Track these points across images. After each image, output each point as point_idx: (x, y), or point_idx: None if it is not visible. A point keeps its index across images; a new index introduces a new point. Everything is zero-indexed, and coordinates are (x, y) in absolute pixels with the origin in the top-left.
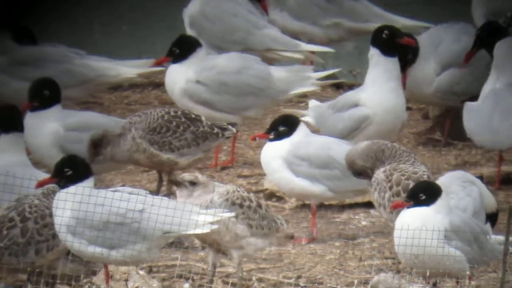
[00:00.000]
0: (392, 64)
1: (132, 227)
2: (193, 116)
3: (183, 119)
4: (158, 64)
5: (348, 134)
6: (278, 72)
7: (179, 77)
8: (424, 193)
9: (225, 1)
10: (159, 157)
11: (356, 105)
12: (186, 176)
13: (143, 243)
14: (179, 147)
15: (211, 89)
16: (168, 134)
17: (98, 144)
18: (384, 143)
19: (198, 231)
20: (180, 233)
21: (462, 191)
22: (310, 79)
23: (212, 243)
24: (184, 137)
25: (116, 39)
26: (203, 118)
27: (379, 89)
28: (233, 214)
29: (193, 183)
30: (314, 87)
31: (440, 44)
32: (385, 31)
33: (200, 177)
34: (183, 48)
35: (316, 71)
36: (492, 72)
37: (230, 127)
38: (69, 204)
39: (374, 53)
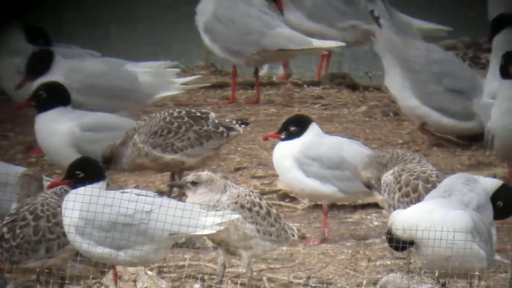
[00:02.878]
0: (506, 85)
1: (139, 228)
2: (198, 114)
3: (185, 119)
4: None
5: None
6: (143, 77)
7: None
8: None
9: (238, 3)
10: (163, 159)
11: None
12: (188, 177)
13: (150, 244)
14: (182, 147)
15: (80, 91)
16: (170, 135)
17: (108, 160)
18: (383, 150)
19: (205, 232)
20: (186, 234)
21: (465, 187)
22: (175, 84)
23: (221, 242)
24: (187, 137)
25: (132, 40)
26: (210, 116)
27: (498, 107)
28: (240, 216)
29: (195, 183)
30: (178, 91)
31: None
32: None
33: (204, 175)
34: (40, 64)
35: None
36: (491, 65)
37: (237, 126)
38: (78, 205)
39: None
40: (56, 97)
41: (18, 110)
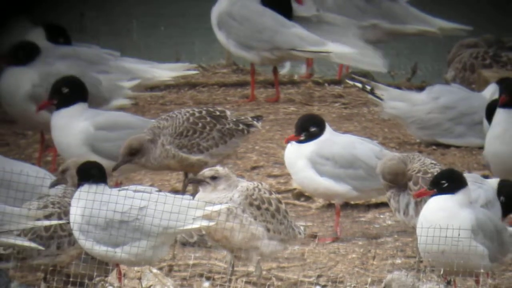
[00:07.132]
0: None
1: (134, 224)
2: (217, 113)
3: (208, 119)
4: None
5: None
6: (105, 82)
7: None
8: (447, 180)
9: (253, 1)
10: (189, 160)
11: None
12: (206, 172)
13: (146, 240)
14: (208, 147)
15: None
16: (195, 135)
17: (135, 152)
18: (406, 157)
19: (195, 225)
20: (178, 229)
21: (473, 185)
22: (124, 89)
23: (221, 239)
24: (211, 136)
25: (154, 39)
26: (227, 113)
27: (489, 132)
28: (226, 205)
29: (214, 178)
30: (127, 99)
31: None
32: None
33: (221, 170)
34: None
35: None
36: None
37: (255, 122)
38: (82, 203)
39: None
40: (78, 92)
41: (39, 111)
